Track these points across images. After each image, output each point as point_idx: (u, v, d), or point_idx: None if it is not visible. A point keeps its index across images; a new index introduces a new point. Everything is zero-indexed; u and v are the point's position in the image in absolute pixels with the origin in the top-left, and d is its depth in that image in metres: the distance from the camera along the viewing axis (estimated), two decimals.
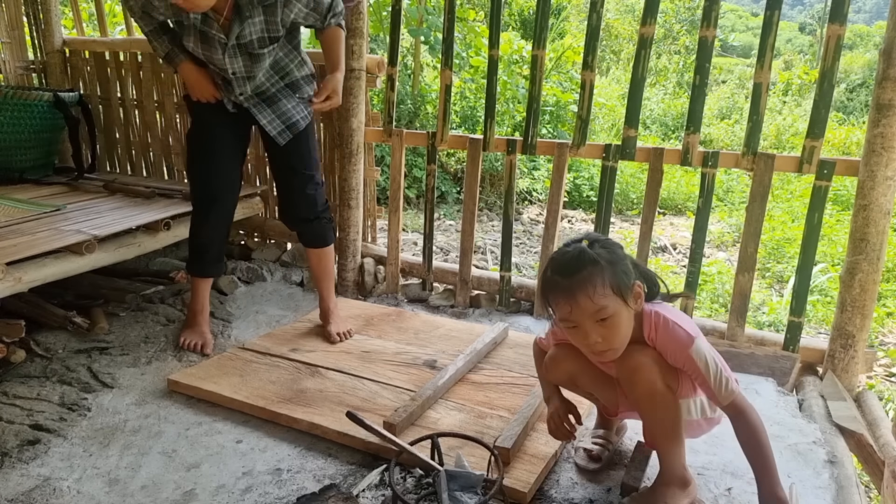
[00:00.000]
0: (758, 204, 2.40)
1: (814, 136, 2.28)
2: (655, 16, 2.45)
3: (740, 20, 28.03)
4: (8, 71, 3.40)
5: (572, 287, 1.41)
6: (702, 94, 2.44)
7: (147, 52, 3.22)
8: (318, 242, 2.47)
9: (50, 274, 2.18)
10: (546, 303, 1.50)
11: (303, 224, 2.43)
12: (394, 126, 2.91)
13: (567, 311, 1.43)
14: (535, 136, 2.69)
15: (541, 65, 2.64)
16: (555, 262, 1.48)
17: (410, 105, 5.72)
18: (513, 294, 2.88)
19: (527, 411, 1.88)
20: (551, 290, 1.46)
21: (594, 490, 1.69)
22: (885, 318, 3.64)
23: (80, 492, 1.65)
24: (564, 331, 1.53)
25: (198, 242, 2.40)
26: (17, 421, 1.92)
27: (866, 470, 2.00)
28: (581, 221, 5.58)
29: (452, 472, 1.54)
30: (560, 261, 1.46)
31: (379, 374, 2.19)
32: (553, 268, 1.47)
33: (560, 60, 7.08)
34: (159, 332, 2.50)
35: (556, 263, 1.47)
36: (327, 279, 2.52)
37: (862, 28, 23.05)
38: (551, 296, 1.47)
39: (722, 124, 9.35)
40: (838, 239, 4.55)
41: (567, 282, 1.42)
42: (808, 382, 2.31)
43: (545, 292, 1.49)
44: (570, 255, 1.46)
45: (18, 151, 3.03)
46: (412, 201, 5.50)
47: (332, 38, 2.28)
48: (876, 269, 2.20)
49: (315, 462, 1.79)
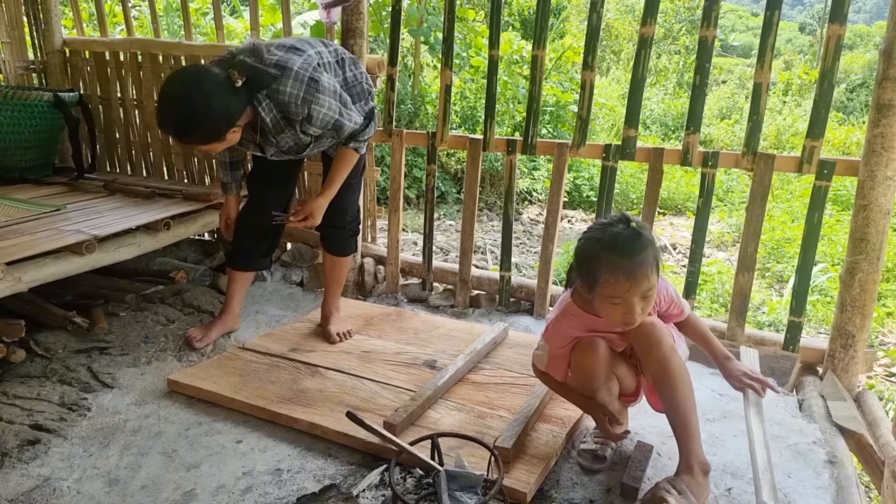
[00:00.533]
0: (758, 204, 2.40)
1: (814, 136, 2.28)
2: (655, 16, 2.45)
3: (740, 20, 28.03)
4: (8, 71, 3.39)
5: (633, 268, 1.50)
6: (702, 94, 2.44)
7: (147, 52, 3.22)
8: (337, 250, 2.48)
9: (50, 274, 2.18)
10: (592, 278, 1.55)
11: (328, 229, 2.42)
12: (394, 126, 2.91)
13: (625, 289, 1.51)
14: (535, 136, 2.69)
15: (541, 65, 2.64)
16: (611, 242, 1.53)
17: (410, 105, 5.72)
18: (513, 294, 2.88)
19: (527, 411, 1.88)
20: (607, 268, 1.52)
21: (594, 490, 1.69)
22: (885, 318, 3.64)
23: (80, 492, 1.65)
24: (602, 305, 1.58)
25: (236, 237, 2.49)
26: (17, 421, 1.92)
27: (866, 470, 2.00)
28: (581, 221, 5.58)
29: (452, 472, 1.54)
30: (617, 241, 1.52)
31: (379, 374, 2.19)
32: (609, 247, 1.52)
33: (560, 60, 7.08)
34: (159, 332, 2.50)
35: (614, 244, 1.52)
36: (336, 285, 2.54)
37: (862, 28, 23.05)
38: (605, 274, 1.52)
39: (722, 124, 9.35)
40: (838, 239, 4.55)
41: (629, 263, 1.50)
42: (808, 382, 2.31)
43: (595, 269, 1.54)
44: (626, 236, 1.52)
45: (18, 151, 3.03)
46: (412, 201, 5.50)
47: (342, 156, 2.23)
48: (876, 269, 2.20)
49: (315, 462, 1.79)
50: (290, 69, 1.94)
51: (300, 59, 1.97)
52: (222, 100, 1.85)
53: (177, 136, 1.93)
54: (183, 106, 1.84)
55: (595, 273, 1.54)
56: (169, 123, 1.89)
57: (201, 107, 1.83)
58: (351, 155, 2.21)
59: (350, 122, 2.10)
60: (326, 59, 2.12)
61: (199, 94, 1.83)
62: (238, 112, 1.91)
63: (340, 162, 2.22)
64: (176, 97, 1.85)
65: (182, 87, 1.85)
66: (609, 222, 1.59)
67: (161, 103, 1.88)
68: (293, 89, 1.93)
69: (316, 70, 1.99)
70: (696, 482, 1.54)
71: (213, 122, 1.87)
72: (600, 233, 1.56)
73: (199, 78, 1.86)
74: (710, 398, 2.17)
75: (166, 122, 1.89)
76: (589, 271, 1.56)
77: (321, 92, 1.97)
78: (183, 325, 2.55)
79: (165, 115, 1.88)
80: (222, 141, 1.94)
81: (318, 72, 1.99)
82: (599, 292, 1.56)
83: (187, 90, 1.84)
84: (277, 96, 1.95)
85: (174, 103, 1.85)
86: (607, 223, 1.58)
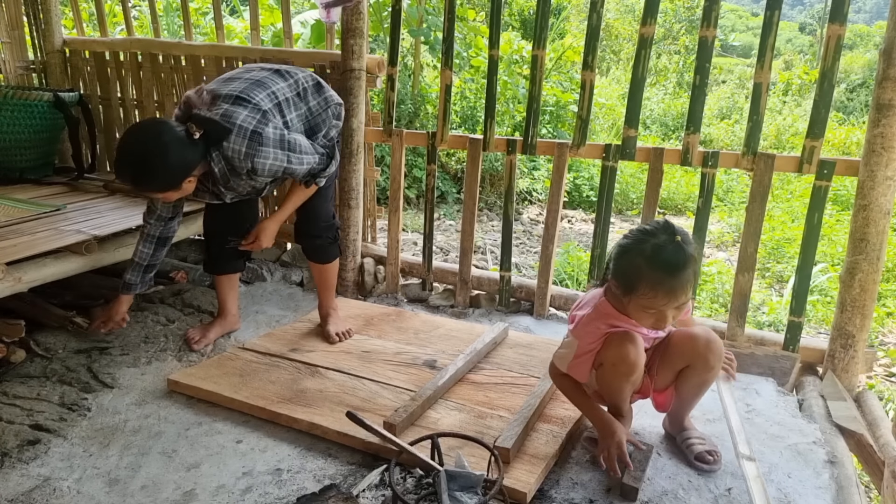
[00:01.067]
0: (758, 204, 2.40)
1: (814, 136, 2.28)
2: (655, 16, 2.45)
3: (740, 20, 28.03)
4: (8, 71, 3.40)
5: (675, 286, 1.52)
6: (702, 94, 2.44)
7: (147, 52, 3.22)
8: (318, 258, 2.48)
9: (50, 274, 2.18)
10: (630, 287, 1.56)
11: (305, 238, 2.45)
12: (394, 126, 2.91)
13: (663, 302, 1.54)
14: (535, 136, 2.69)
15: (541, 65, 2.64)
16: (654, 256, 1.52)
17: (410, 105, 5.72)
18: (513, 294, 2.88)
19: (527, 411, 1.88)
20: (648, 282, 1.52)
21: (594, 490, 1.69)
22: (885, 318, 3.64)
23: (80, 492, 1.65)
24: (635, 310, 1.59)
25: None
26: (17, 421, 1.92)
27: (866, 470, 2.00)
28: (581, 221, 5.58)
29: (452, 472, 1.54)
30: (661, 256, 1.51)
31: (379, 374, 2.19)
32: (652, 261, 1.52)
33: (560, 60, 7.07)
34: (159, 332, 2.50)
35: (657, 258, 1.52)
36: (328, 289, 2.54)
37: (862, 28, 23.05)
38: (645, 287, 1.53)
39: (722, 124, 9.34)
40: (838, 239, 4.55)
41: (672, 280, 1.51)
42: (808, 382, 2.31)
43: (634, 280, 1.54)
44: (670, 251, 1.51)
45: (18, 151, 3.03)
46: (412, 201, 5.50)
47: (297, 189, 2.25)
48: (876, 269, 2.20)
49: (315, 462, 1.79)
50: (234, 123, 1.97)
51: (244, 113, 1.99)
52: (180, 151, 1.92)
53: (134, 185, 1.96)
54: (141, 157, 1.89)
55: (634, 284, 1.56)
56: (126, 173, 1.94)
57: (159, 158, 1.88)
58: (306, 190, 2.25)
59: (302, 165, 2.11)
60: (284, 95, 2.13)
61: (156, 146, 1.88)
62: (194, 163, 1.97)
63: (294, 194, 2.26)
64: (134, 149, 1.91)
65: (140, 140, 1.91)
66: (652, 230, 1.57)
67: (119, 154, 1.93)
68: (235, 144, 1.97)
69: (261, 122, 2.00)
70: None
71: (169, 172, 1.93)
72: (643, 242, 1.55)
73: (158, 131, 1.92)
74: (710, 398, 2.15)
75: (124, 171, 1.94)
76: (628, 280, 1.58)
77: (264, 145, 1.99)
78: (183, 325, 2.55)
79: (123, 164, 1.93)
80: (178, 190, 1.99)
81: (263, 123, 2.00)
82: (635, 300, 1.57)
83: (145, 142, 1.90)
84: (223, 151, 1.99)
85: (132, 155, 1.91)
86: (650, 231, 1.57)
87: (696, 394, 1.81)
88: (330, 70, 2.86)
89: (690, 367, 1.74)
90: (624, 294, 1.60)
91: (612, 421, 1.71)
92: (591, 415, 1.77)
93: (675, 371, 1.77)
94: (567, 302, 2.81)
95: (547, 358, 2.27)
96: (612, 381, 1.72)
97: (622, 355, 1.66)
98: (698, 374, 1.75)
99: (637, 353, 1.66)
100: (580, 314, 1.74)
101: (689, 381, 1.77)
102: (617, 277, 1.62)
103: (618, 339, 1.67)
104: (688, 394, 1.80)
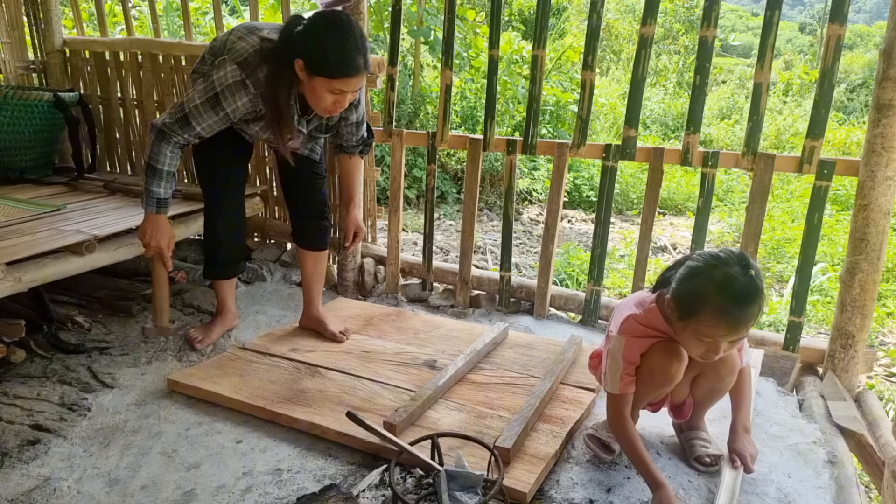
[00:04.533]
0: (758, 204, 2.40)
1: (814, 136, 2.28)
2: (655, 16, 2.45)
3: (740, 20, 28.03)
4: (8, 71, 3.39)
5: (740, 318, 1.47)
6: (702, 94, 2.44)
7: (147, 52, 3.22)
8: (318, 244, 2.46)
9: (50, 274, 2.18)
10: (691, 312, 1.50)
11: (305, 222, 2.42)
12: (394, 126, 2.91)
13: (722, 333, 1.49)
14: (535, 136, 2.69)
15: (541, 65, 2.64)
16: (725, 286, 1.46)
17: (410, 105, 5.72)
18: (513, 294, 2.88)
19: (527, 411, 1.88)
20: (713, 311, 1.47)
21: (594, 490, 1.69)
22: (885, 318, 3.64)
23: (80, 492, 1.65)
24: (688, 336, 1.54)
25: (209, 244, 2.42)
26: (17, 421, 1.92)
27: (866, 470, 2.00)
28: (581, 221, 5.58)
29: (452, 472, 1.54)
30: (733, 288, 1.45)
31: (379, 374, 2.19)
32: (722, 291, 1.45)
33: (560, 60, 7.07)
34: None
35: (729, 289, 1.45)
36: (320, 283, 2.51)
37: (862, 28, 23.06)
38: (708, 316, 1.47)
39: (722, 124, 9.35)
40: (838, 239, 4.55)
41: (739, 312, 1.46)
42: (808, 382, 2.31)
43: (698, 306, 1.48)
44: (742, 283, 1.45)
45: (18, 151, 3.03)
46: (412, 201, 5.50)
47: (356, 167, 2.41)
48: (876, 269, 2.20)
49: (315, 462, 1.79)
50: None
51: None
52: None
53: (365, 66, 1.92)
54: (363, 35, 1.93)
55: (696, 309, 1.49)
56: (363, 55, 1.90)
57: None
58: (359, 163, 2.42)
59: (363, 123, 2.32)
60: None
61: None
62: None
63: (356, 171, 2.42)
64: (357, 30, 1.90)
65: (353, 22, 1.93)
66: (725, 258, 1.50)
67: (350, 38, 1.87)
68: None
69: None
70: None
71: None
72: (714, 268, 1.49)
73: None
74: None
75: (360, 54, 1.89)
76: (690, 303, 1.50)
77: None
78: (183, 325, 2.55)
79: (359, 48, 1.89)
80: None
81: None
82: (693, 326, 1.51)
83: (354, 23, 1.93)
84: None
85: (362, 38, 1.91)
86: (723, 259, 1.50)
87: (709, 400, 1.81)
88: None
89: (702, 375, 1.73)
90: (680, 318, 1.53)
91: (670, 491, 1.58)
92: (651, 476, 1.61)
93: (688, 381, 1.75)
94: (567, 302, 2.81)
95: (547, 358, 2.28)
96: (641, 386, 1.67)
97: (663, 366, 1.62)
98: (710, 383, 1.74)
99: (679, 369, 1.62)
100: (620, 318, 1.68)
101: (700, 388, 1.76)
102: (678, 299, 1.54)
103: (665, 349, 1.62)
104: (701, 399, 1.80)
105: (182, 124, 2.00)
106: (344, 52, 1.87)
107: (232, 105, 1.97)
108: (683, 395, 1.79)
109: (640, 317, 1.65)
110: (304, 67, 1.88)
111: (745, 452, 1.71)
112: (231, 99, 1.95)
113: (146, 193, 2.06)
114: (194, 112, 1.98)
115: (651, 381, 1.65)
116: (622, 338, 1.65)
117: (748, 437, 1.76)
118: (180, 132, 2.01)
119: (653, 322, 1.64)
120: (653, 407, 1.82)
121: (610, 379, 1.68)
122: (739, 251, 1.53)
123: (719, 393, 1.78)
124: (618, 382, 1.65)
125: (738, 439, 1.74)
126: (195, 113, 1.98)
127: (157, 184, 2.04)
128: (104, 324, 2.56)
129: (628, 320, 1.66)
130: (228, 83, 1.93)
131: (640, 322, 1.64)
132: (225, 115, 1.99)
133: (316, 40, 1.87)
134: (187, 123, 1.99)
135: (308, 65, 1.88)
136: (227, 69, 1.94)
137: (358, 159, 2.42)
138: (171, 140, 2.01)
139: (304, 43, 1.87)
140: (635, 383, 1.67)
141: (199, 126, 2.00)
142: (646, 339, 1.64)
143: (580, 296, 2.79)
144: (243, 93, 1.95)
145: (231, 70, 1.93)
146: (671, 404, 1.83)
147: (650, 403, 1.80)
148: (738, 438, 1.75)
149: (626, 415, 1.68)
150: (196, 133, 2.02)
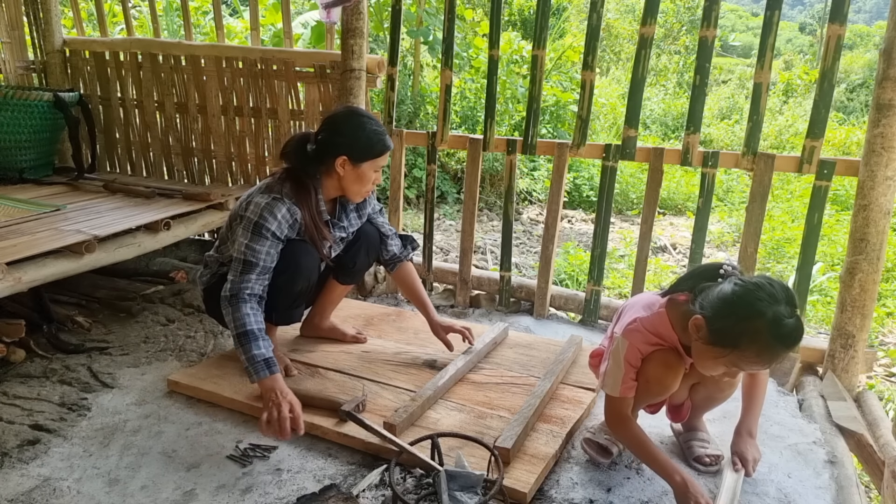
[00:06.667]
0: (758, 204, 2.40)
1: (814, 136, 2.28)
2: (655, 16, 2.45)
3: (740, 20, 28.05)
4: (8, 71, 3.40)
5: (780, 358, 1.52)
6: (702, 94, 2.44)
7: (147, 52, 3.22)
8: (348, 281, 2.40)
9: (50, 274, 2.18)
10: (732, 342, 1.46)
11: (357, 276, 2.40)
12: (394, 126, 2.91)
13: (757, 366, 1.53)
14: (535, 136, 2.69)
15: (541, 65, 2.64)
16: (777, 327, 1.42)
17: (410, 105, 5.72)
18: (513, 294, 2.88)
19: (527, 411, 1.88)
20: (760, 348, 1.44)
21: (594, 490, 1.69)
22: (885, 318, 3.64)
23: (80, 492, 1.65)
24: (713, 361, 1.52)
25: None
26: (17, 421, 1.92)
27: (866, 470, 2.00)
28: (581, 221, 5.58)
29: (452, 472, 1.54)
30: (785, 330, 1.42)
31: (379, 374, 2.19)
32: (774, 331, 1.42)
33: (560, 60, 7.07)
34: (159, 332, 2.50)
35: (780, 331, 1.42)
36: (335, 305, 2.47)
37: (862, 28, 23.08)
38: (752, 352, 1.45)
39: (722, 124, 9.35)
40: (838, 239, 4.55)
41: (783, 353, 1.49)
42: (808, 382, 2.31)
43: (743, 340, 1.44)
44: (793, 327, 1.43)
45: (18, 151, 3.03)
46: (412, 201, 5.50)
47: (413, 273, 2.37)
48: (876, 269, 2.20)
49: (315, 462, 1.79)
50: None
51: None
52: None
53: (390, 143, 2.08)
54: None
55: (740, 344, 1.45)
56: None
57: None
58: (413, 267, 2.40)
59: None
60: None
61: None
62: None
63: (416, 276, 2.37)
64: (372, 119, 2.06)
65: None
66: (772, 293, 1.44)
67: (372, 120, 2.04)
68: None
69: None
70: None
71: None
72: (762, 303, 1.43)
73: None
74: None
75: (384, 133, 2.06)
76: (735, 338, 1.45)
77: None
78: (183, 325, 2.55)
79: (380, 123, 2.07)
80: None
81: None
82: (729, 357, 1.47)
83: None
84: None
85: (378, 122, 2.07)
86: (770, 293, 1.44)
87: (707, 405, 1.83)
88: (330, 70, 2.86)
89: (701, 384, 1.75)
90: (716, 345, 1.48)
91: (690, 478, 1.58)
92: (664, 471, 1.60)
93: (687, 386, 1.75)
94: (567, 302, 2.81)
95: (547, 358, 2.28)
96: (637, 392, 1.67)
97: (660, 377, 1.62)
98: (708, 392, 1.77)
99: (675, 381, 1.63)
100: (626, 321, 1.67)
101: (699, 394, 1.79)
102: (717, 329, 1.47)
103: (664, 360, 1.61)
104: (699, 403, 1.82)
105: (245, 271, 1.93)
106: (377, 132, 2.02)
107: (274, 222, 1.96)
108: (682, 397, 1.79)
109: (646, 321, 1.64)
110: (348, 161, 2.00)
111: (748, 456, 1.72)
112: (271, 217, 1.95)
113: (249, 363, 1.85)
114: (247, 252, 1.94)
115: (647, 389, 1.65)
116: (626, 340, 1.64)
117: (752, 442, 1.76)
118: (248, 280, 1.93)
119: (658, 328, 1.63)
120: (651, 409, 1.81)
121: (611, 381, 1.67)
122: (781, 283, 1.48)
123: (717, 402, 1.80)
124: (619, 386, 1.65)
125: (742, 442, 1.75)
126: (248, 252, 1.94)
127: (255, 346, 1.85)
128: (104, 324, 2.56)
129: (634, 323, 1.65)
130: (263, 206, 1.96)
131: (646, 327, 1.64)
132: (273, 235, 1.97)
133: (349, 134, 2.00)
134: (248, 265, 1.93)
135: (352, 157, 1.99)
136: (255, 199, 1.98)
137: (411, 265, 2.37)
138: (244, 297, 1.91)
139: (340, 140, 1.99)
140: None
141: (260, 259, 1.94)
142: (648, 345, 1.64)
143: (580, 296, 2.79)
144: (279, 205, 1.97)
145: (260, 197, 1.98)
146: (669, 405, 1.83)
147: (648, 405, 1.79)
148: (742, 441, 1.75)
149: (628, 414, 1.68)
150: (261, 268, 1.94)
